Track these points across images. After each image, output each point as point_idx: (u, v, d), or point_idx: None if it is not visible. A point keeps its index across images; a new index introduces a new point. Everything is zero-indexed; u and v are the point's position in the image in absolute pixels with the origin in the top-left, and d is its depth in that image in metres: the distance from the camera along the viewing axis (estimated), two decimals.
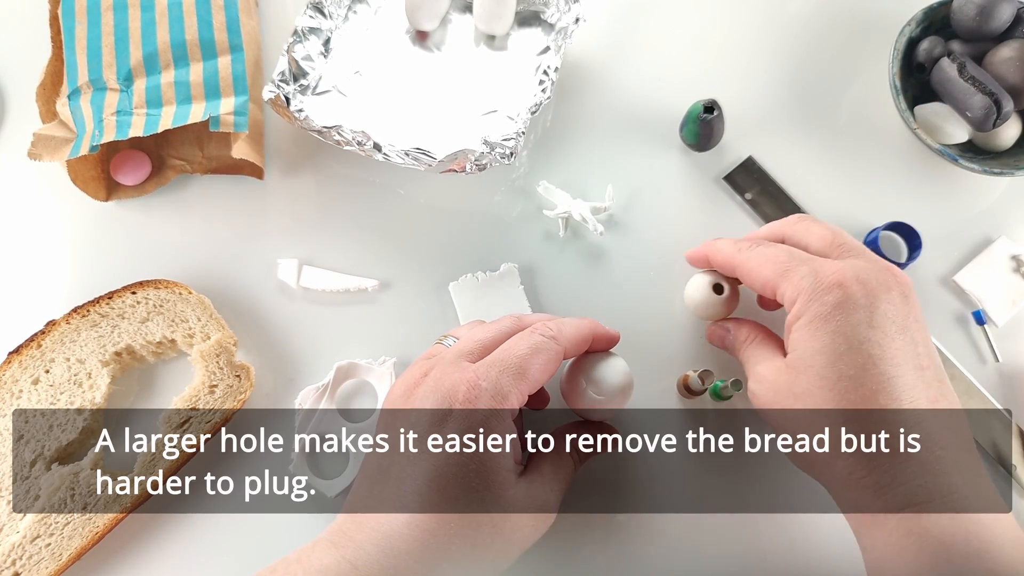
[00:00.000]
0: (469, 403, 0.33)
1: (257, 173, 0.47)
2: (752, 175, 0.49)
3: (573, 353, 0.37)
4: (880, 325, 0.34)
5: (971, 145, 0.49)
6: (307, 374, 0.44)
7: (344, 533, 0.33)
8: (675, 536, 0.41)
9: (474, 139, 0.45)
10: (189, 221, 0.48)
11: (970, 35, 0.47)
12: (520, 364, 0.34)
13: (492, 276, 0.46)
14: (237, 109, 0.44)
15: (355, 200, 0.48)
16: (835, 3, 0.53)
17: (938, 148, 0.46)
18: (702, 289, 0.42)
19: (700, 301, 0.42)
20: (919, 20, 0.48)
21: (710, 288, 0.41)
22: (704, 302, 0.41)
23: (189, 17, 0.46)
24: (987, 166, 0.46)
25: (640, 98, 0.51)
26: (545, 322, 0.37)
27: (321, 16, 0.49)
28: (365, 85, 0.49)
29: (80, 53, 0.45)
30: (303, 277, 0.46)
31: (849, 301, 0.34)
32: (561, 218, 0.47)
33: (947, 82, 0.46)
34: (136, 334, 0.43)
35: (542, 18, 0.51)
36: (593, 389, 0.37)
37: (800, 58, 0.52)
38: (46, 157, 0.43)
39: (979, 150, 0.48)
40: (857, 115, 0.51)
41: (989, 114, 0.45)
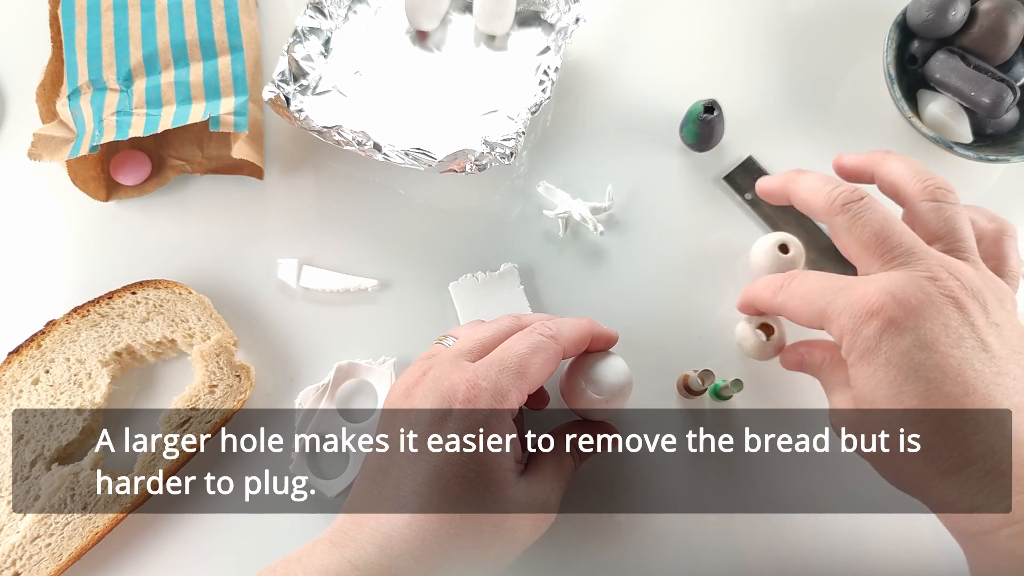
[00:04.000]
0: (469, 402, 0.33)
1: (257, 173, 0.47)
2: (752, 175, 0.49)
3: (572, 352, 0.37)
4: (931, 345, 0.31)
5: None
6: (307, 374, 0.44)
7: (344, 533, 0.33)
8: (675, 536, 0.41)
9: (474, 139, 0.45)
10: (189, 221, 0.47)
11: (927, 33, 0.48)
12: (520, 363, 0.34)
13: (492, 276, 0.46)
14: (237, 109, 0.44)
15: (355, 200, 0.48)
16: (835, 2, 0.53)
17: (932, 136, 0.46)
18: (749, 336, 0.42)
19: (752, 346, 0.42)
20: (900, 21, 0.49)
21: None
22: (755, 347, 0.42)
23: (189, 17, 0.46)
24: (982, 153, 0.46)
25: (640, 98, 0.51)
26: (544, 322, 0.37)
27: (321, 16, 0.49)
28: (365, 85, 0.49)
29: (80, 53, 0.45)
30: (303, 277, 0.46)
31: (891, 328, 0.31)
32: (561, 218, 0.47)
33: (951, 71, 0.46)
34: (136, 334, 0.43)
35: (542, 18, 0.51)
36: (592, 389, 0.37)
37: (800, 58, 0.52)
38: (46, 157, 0.43)
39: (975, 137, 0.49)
40: (855, 112, 0.51)
41: (1001, 100, 0.45)
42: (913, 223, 0.36)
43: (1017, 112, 0.48)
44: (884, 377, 0.31)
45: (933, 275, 0.32)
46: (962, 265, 0.34)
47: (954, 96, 0.47)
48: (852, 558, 0.41)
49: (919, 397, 0.31)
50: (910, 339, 0.31)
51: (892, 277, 0.33)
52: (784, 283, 0.37)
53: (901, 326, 0.31)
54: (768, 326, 0.42)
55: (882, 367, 0.31)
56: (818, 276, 0.36)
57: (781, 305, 0.37)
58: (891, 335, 0.31)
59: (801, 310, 0.36)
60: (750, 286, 0.40)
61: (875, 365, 0.32)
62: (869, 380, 0.32)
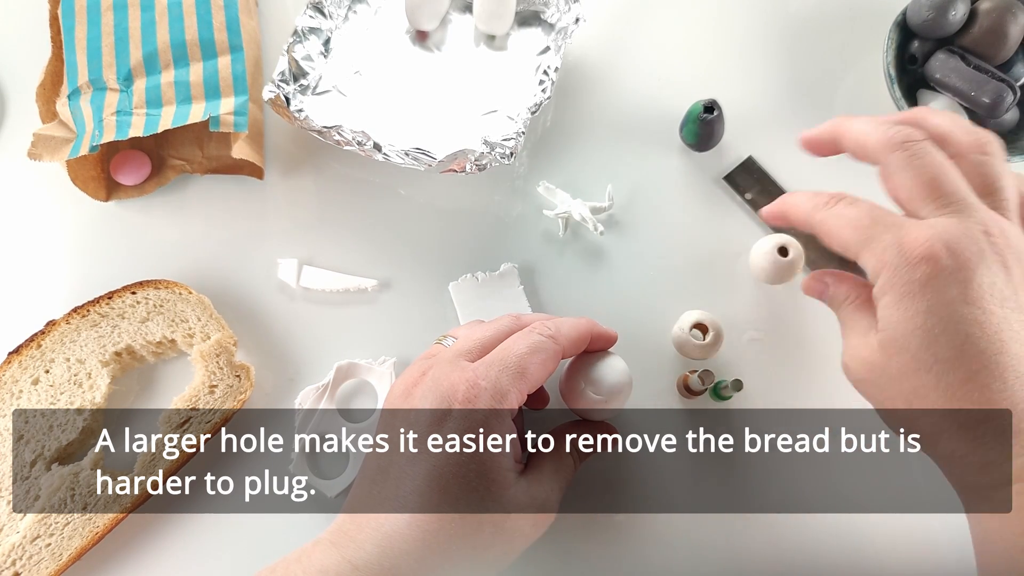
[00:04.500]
0: (469, 402, 0.33)
1: (257, 173, 0.47)
2: (752, 175, 0.49)
3: (571, 352, 0.37)
4: (976, 300, 0.30)
5: None
6: (307, 374, 0.44)
7: (344, 533, 0.33)
8: (675, 536, 0.41)
9: (474, 139, 0.45)
10: (189, 221, 0.47)
11: (927, 33, 0.48)
12: (519, 363, 0.34)
13: (492, 276, 0.46)
14: (237, 109, 0.44)
15: (355, 200, 0.48)
16: (835, 2, 0.53)
17: None
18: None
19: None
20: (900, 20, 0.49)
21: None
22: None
23: (189, 17, 0.46)
24: None
25: (640, 98, 0.51)
26: (543, 321, 0.37)
27: (321, 16, 0.49)
28: (365, 85, 0.49)
29: (80, 53, 0.45)
30: (303, 277, 0.46)
31: (940, 276, 0.31)
32: (561, 218, 0.47)
33: (951, 72, 0.46)
34: (136, 334, 0.43)
35: (542, 18, 0.51)
36: (592, 389, 0.37)
37: (801, 58, 0.52)
38: (46, 157, 0.43)
39: None
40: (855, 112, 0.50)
41: (1001, 100, 0.45)
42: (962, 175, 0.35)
43: (1017, 112, 0.48)
44: (921, 324, 0.31)
45: (988, 230, 0.32)
46: (1009, 225, 0.33)
47: (954, 96, 0.47)
48: (852, 558, 0.41)
49: (955, 348, 0.30)
50: (956, 291, 0.31)
51: (947, 226, 0.32)
52: (831, 200, 0.36)
53: (951, 277, 0.31)
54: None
55: (922, 313, 0.31)
56: (871, 205, 0.35)
57: (821, 221, 0.35)
58: (938, 283, 0.31)
59: (843, 232, 0.34)
60: (788, 195, 0.38)
61: (913, 310, 0.31)
62: (903, 325, 0.31)
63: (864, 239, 0.33)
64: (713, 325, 0.42)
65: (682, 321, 0.43)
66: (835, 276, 0.37)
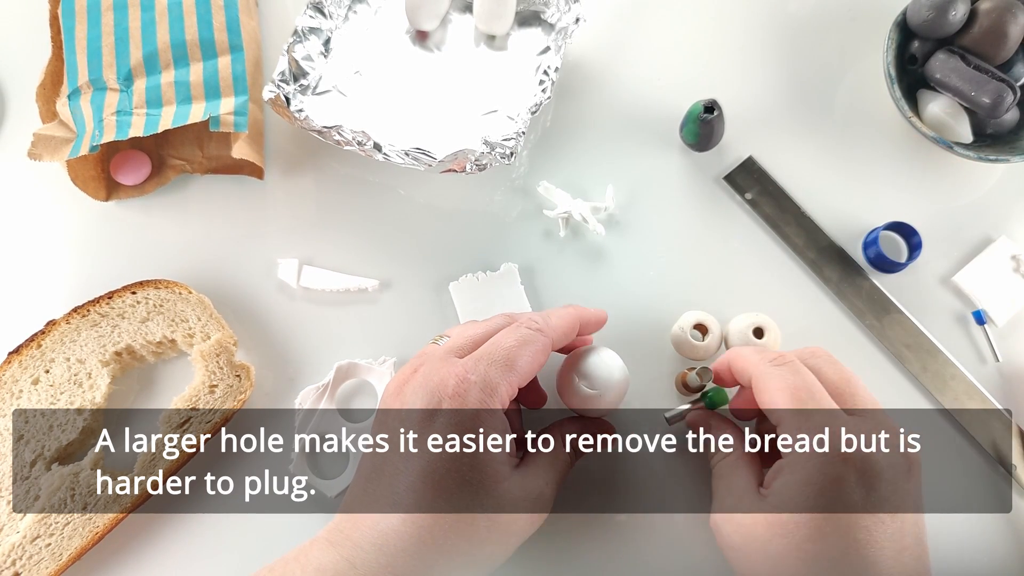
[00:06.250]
0: (458, 396, 0.33)
1: (257, 173, 0.47)
2: (752, 175, 0.49)
3: (562, 342, 0.38)
4: (875, 507, 0.32)
5: None
6: (307, 374, 0.44)
7: (341, 532, 0.33)
8: (675, 536, 0.41)
9: (474, 139, 0.45)
10: (189, 221, 0.48)
11: (927, 33, 0.48)
12: (508, 357, 0.34)
13: (492, 276, 0.46)
14: (237, 109, 0.44)
15: (355, 200, 0.48)
16: (835, 2, 0.53)
17: (932, 136, 0.46)
18: (686, 330, 0.42)
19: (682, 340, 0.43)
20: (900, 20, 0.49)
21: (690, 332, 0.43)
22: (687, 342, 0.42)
23: (189, 17, 0.46)
24: (982, 153, 0.46)
25: (640, 98, 0.51)
26: (531, 315, 0.37)
27: (321, 16, 0.49)
28: (365, 85, 0.49)
29: (80, 53, 0.45)
30: (303, 277, 0.46)
31: (851, 480, 0.32)
32: (561, 218, 0.47)
33: (951, 71, 0.46)
34: (136, 334, 0.43)
35: (542, 18, 0.51)
36: (586, 383, 0.38)
37: (800, 57, 0.52)
38: (46, 157, 0.43)
39: (975, 137, 0.49)
40: (855, 113, 0.51)
41: (1001, 100, 0.45)
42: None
43: (1017, 112, 0.48)
44: (818, 517, 0.32)
45: (896, 440, 0.34)
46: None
47: (954, 96, 0.47)
48: None
49: (838, 550, 0.32)
50: (859, 496, 0.32)
51: (867, 433, 0.33)
52: (779, 361, 0.36)
53: (858, 483, 0.32)
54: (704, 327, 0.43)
55: (821, 507, 0.32)
56: (811, 383, 0.35)
57: (763, 375, 0.36)
58: (847, 487, 0.32)
59: (780, 393, 0.35)
60: (738, 347, 0.40)
61: (815, 501, 0.32)
62: (799, 504, 0.33)
63: (797, 413, 0.34)
64: (712, 325, 0.42)
65: (682, 321, 0.43)
66: (718, 420, 0.39)
